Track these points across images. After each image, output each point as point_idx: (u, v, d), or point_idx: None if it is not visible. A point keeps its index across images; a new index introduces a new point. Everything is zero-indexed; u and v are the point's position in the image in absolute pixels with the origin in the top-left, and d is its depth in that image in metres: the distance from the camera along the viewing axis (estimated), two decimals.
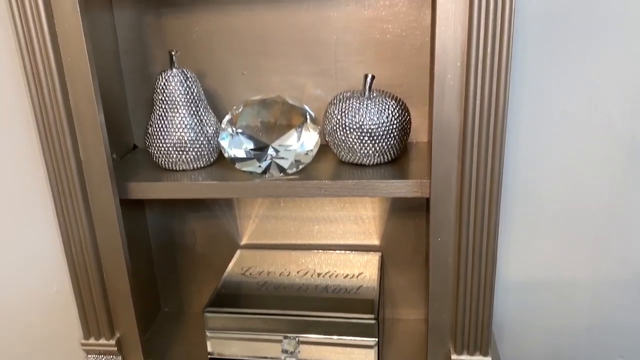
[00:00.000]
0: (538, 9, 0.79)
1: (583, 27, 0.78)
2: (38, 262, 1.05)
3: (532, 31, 0.80)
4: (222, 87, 0.92)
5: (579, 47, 0.80)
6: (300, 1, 0.86)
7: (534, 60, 0.82)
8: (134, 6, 0.89)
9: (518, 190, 0.91)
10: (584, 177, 0.87)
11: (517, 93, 0.83)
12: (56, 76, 0.73)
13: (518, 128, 0.87)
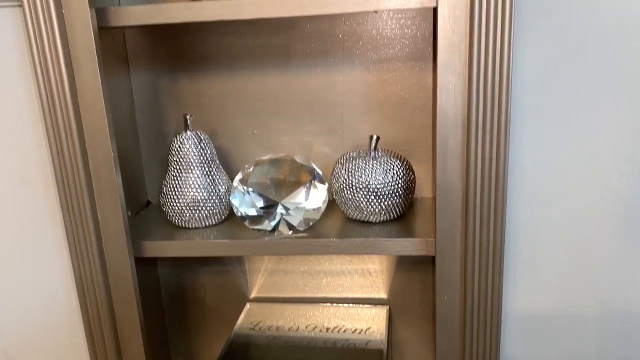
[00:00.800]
0: (537, 77, 0.83)
1: (582, 89, 0.82)
2: (54, 314, 1.07)
3: (530, 96, 0.84)
4: (234, 146, 0.96)
5: (577, 110, 0.83)
6: (308, 66, 0.91)
7: (533, 123, 0.85)
8: (150, 69, 0.94)
9: (520, 241, 0.93)
10: (585, 231, 0.89)
11: (517, 154, 0.86)
12: (77, 140, 0.77)
13: (519, 186, 0.90)
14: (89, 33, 0.73)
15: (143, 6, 0.74)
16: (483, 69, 0.68)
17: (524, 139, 0.84)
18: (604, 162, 0.82)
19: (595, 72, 0.80)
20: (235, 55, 0.92)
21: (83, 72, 0.74)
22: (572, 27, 0.79)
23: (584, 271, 0.90)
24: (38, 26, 0.73)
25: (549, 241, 0.90)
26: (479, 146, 0.70)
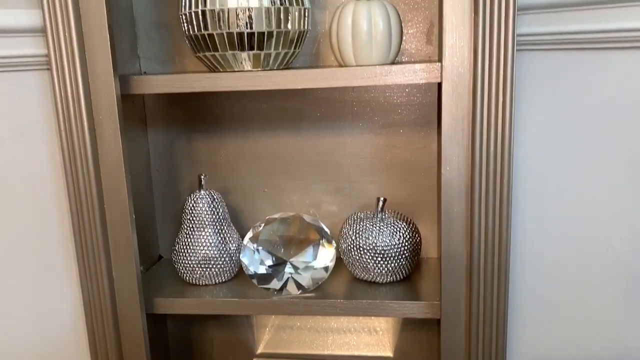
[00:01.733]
0: (538, 147, 0.86)
1: (582, 158, 0.85)
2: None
3: (531, 166, 0.87)
4: (245, 203, 0.99)
5: (578, 178, 0.86)
6: (318, 128, 0.95)
7: (534, 192, 0.87)
8: (167, 130, 0.98)
9: (524, 307, 0.93)
10: (586, 295, 0.90)
11: (520, 220, 0.88)
12: (96, 199, 0.80)
13: (521, 252, 0.91)
14: (113, 100, 0.77)
15: (163, 76, 0.79)
16: (485, 142, 0.71)
17: (525, 206, 0.87)
18: (604, 228, 0.84)
19: (596, 141, 0.83)
20: (248, 118, 0.96)
21: (105, 136, 0.78)
22: (572, 99, 0.82)
23: (584, 334, 0.90)
24: (64, 90, 0.77)
25: (551, 306, 0.91)
26: (482, 214, 0.73)
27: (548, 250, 0.88)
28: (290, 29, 0.78)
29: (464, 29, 0.69)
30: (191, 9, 0.77)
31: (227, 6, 0.74)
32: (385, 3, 0.78)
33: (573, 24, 0.78)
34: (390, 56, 0.80)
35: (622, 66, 0.76)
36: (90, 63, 0.76)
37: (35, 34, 0.86)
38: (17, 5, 0.85)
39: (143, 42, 0.95)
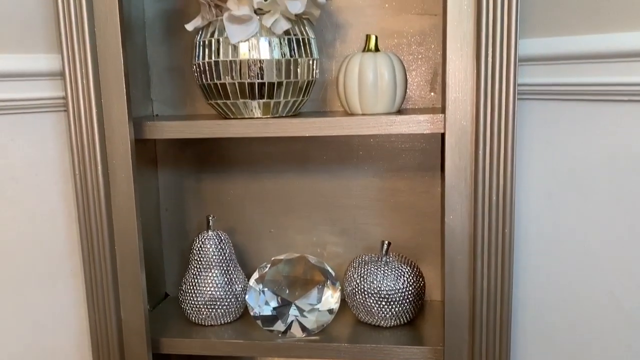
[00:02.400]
0: (539, 197, 0.88)
1: (583, 207, 0.86)
2: None
3: (533, 217, 0.88)
4: (251, 244, 1.01)
5: (579, 226, 0.87)
6: (324, 171, 0.97)
7: (536, 241, 0.88)
8: (177, 170, 1.01)
9: (527, 354, 0.94)
10: (588, 340, 0.90)
11: (521, 266, 0.89)
12: (107, 239, 0.82)
13: (523, 298, 0.92)
14: (127, 145, 0.80)
15: (176, 122, 0.82)
16: (487, 191, 0.73)
17: (527, 253, 0.88)
18: (606, 276, 0.85)
19: (597, 190, 0.85)
20: (256, 160, 0.98)
21: (118, 179, 0.81)
22: (573, 148, 0.84)
23: None
24: (80, 133, 0.80)
25: (554, 353, 0.91)
26: (485, 262, 0.74)
27: (550, 298, 0.89)
28: (299, 79, 0.81)
29: (466, 83, 0.72)
30: (204, 59, 0.80)
31: (239, 58, 0.78)
32: (390, 55, 0.82)
33: (574, 76, 0.81)
34: (395, 105, 0.83)
35: (621, 118, 0.78)
36: (105, 108, 0.79)
37: (53, 78, 0.89)
38: (37, 50, 0.88)
39: (156, 85, 0.98)
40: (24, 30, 0.87)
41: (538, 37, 0.83)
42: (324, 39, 0.93)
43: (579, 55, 0.79)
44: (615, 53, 0.76)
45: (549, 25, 0.83)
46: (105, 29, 0.77)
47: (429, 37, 0.91)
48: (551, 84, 0.83)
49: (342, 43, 0.93)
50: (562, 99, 0.83)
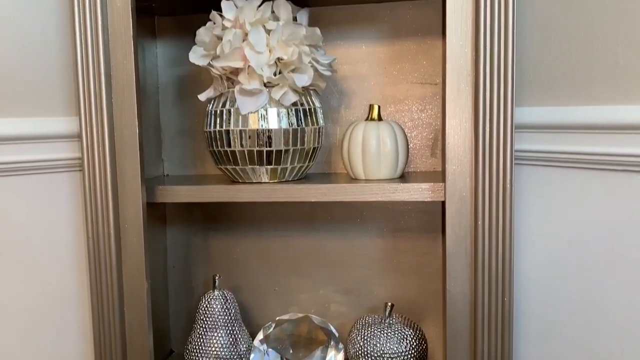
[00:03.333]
0: (539, 264, 0.90)
1: (584, 275, 0.88)
2: None
3: (534, 288, 0.90)
4: (256, 301, 1.02)
5: (580, 292, 0.89)
6: (328, 230, 0.99)
7: (536, 308, 0.90)
8: (185, 228, 1.04)
9: None
10: None
11: (522, 333, 0.90)
12: (117, 301, 0.84)
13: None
14: (139, 209, 0.83)
15: (186, 187, 0.85)
16: (487, 260, 0.75)
17: (528, 317, 0.89)
18: (606, 340, 0.85)
19: (596, 254, 0.87)
20: (262, 219, 1.01)
21: (129, 242, 0.83)
22: (572, 214, 0.87)
23: None
24: (94, 195, 0.83)
25: None
26: (486, 329, 0.76)
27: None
28: (306, 146, 0.85)
29: (465, 156, 0.75)
30: (216, 127, 0.84)
31: (249, 127, 0.82)
32: (392, 124, 0.85)
33: (569, 144, 0.84)
34: (397, 171, 0.86)
35: (617, 187, 0.81)
36: (120, 171, 0.82)
37: (69, 139, 0.93)
38: (55, 114, 0.93)
39: (167, 147, 1.02)
40: (43, 95, 0.92)
41: (536, 106, 0.87)
42: (329, 105, 0.97)
43: (573, 125, 0.83)
44: (608, 125, 0.79)
45: (546, 95, 0.87)
46: (122, 94, 0.81)
47: (430, 104, 0.95)
48: (549, 151, 0.86)
49: (347, 109, 0.97)
50: (559, 166, 0.86)
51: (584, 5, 0.79)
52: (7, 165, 0.89)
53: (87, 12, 0.79)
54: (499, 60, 0.74)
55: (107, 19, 0.79)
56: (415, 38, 0.94)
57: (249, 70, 0.80)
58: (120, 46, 0.80)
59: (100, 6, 0.79)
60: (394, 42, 0.94)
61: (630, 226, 0.80)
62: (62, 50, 0.92)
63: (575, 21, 0.80)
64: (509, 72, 0.73)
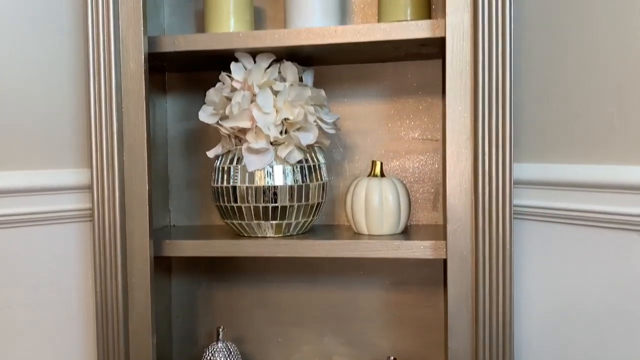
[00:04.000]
0: (538, 319, 0.91)
1: (581, 321, 0.89)
2: None
3: (533, 332, 0.91)
4: (259, 352, 1.03)
5: (578, 342, 0.89)
6: (332, 282, 1.01)
7: (537, 356, 0.90)
8: (189, 279, 1.05)
9: None
10: None
11: None
12: (122, 353, 0.84)
13: None
14: (146, 263, 0.84)
15: (193, 241, 0.87)
16: (488, 317, 0.76)
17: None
18: None
19: (593, 307, 0.87)
20: (266, 270, 1.03)
21: (136, 296, 0.84)
22: (572, 272, 0.88)
23: None
24: (103, 247, 0.84)
25: None
26: None
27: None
28: (310, 202, 0.87)
29: (465, 216, 0.77)
30: (223, 183, 0.86)
31: (255, 184, 0.84)
32: (394, 181, 0.88)
33: (566, 201, 0.86)
34: (400, 226, 0.88)
35: (616, 245, 0.82)
36: (129, 226, 0.84)
37: (78, 191, 0.96)
38: (65, 165, 0.95)
39: (174, 197, 1.05)
40: (55, 147, 0.95)
41: (535, 162, 0.89)
42: (333, 158, 1.00)
43: (572, 182, 0.85)
44: (606, 184, 0.81)
45: (544, 152, 0.89)
46: (133, 151, 0.83)
47: (431, 159, 0.97)
48: (548, 207, 0.88)
49: (350, 163, 1.00)
50: (559, 222, 0.87)
51: (580, 69, 0.82)
52: (17, 217, 0.91)
53: (101, 73, 0.82)
54: (497, 122, 0.76)
55: (120, 79, 0.83)
56: (417, 96, 0.98)
57: (256, 129, 0.83)
58: (133, 106, 0.83)
59: (115, 67, 0.82)
60: (396, 100, 0.98)
61: (631, 284, 0.81)
62: (75, 106, 0.95)
63: (572, 83, 0.83)
64: (507, 134, 0.76)
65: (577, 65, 0.83)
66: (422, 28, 0.80)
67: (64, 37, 0.93)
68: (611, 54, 0.78)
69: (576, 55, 0.83)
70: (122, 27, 0.82)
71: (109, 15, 0.81)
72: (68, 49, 0.94)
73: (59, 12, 0.93)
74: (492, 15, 0.75)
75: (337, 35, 0.82)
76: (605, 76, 0.80)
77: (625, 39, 0.77)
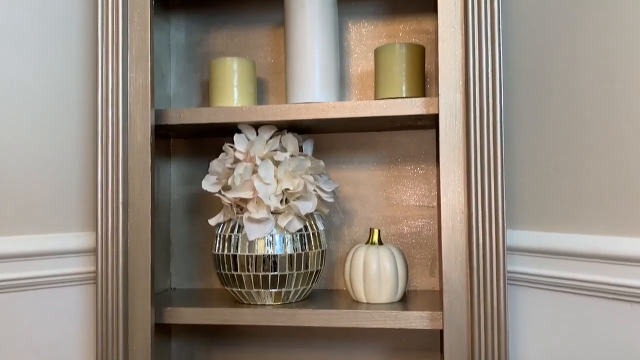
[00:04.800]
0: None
1: None
2: None
3: None
4: None
5: None
6: (330, 346, 1.01)
7: None
8: (189, 341, 1.05)
9: None
10: None
11: None
12: None
13: None
14: (148, 331, 0.85)
15: (193, 309, 0.88)
16: None
17: None
18: None
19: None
20: (264, 334, 1.03)
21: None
22: (567, 340, 0.88)
23: None
24: (105, 312, 0.85)
25: None
26: None
27: None
28: (309, 269, 0.89)
29: (461, 289, 0.79)
30: (224, 251, 0.88)
31: (255, 253, 0.86)
32: (392, 248, 0.90)
33: (561, 270, 0.88)
34: (398, 294, 0.89)
35: (608, 315, 0.83)
36: (131, 293, 0.86)
37: (81, 254, 0.98)
38: (68, 229, 0.97)
39: (175, 260, 1.06)
40: (59, 212, 0.97)
41: (529, 230, 0.91)
42: (332, 223, 1.02)
43: (564, 251, 0.87)
44: (597, 254, 0.83)
45: (538, 221, 0.91)
46: (138, 218, 0.86)
47: (427, 225, 1.00)
48: (542, 275, 0.89)
49: (349, 228, 1.02)
50: (553, 290, 0.89)
51: (571, 144, 0.85)
52: (19, 282, 0.92)
53: (109, 145, 0.85)
54: (490, 195, 0.79)
55: (127, 152, 0.86)
56: (413, 163, 1.01)
57: (257, 199, 0.85)
58: (139, 177, 0.86)
59: (122, 140, 0.85)
60: (392, 167, 1.01)
61: (623, 353, 0.82)
62: (82, 174, 0.98)
63: (562, 157, 0.87)
64: (500, 206, 0.78)
65: (568, 141, 0.86)
66: (416, 105, 0.83)
67: (73, 108, 0.97)
68: (600, 133, 0.82)
69: (566, 131, 0.86)
70: (131, 102, 0.86)
71: (118, 91, 0.85)
72: (77, 120, 0.98)
73: (70, 85, 0.97)
74: (483, 95, 0.79)
75: (336, 111, 0.86)
76: (595, 151, 0.83)
77: (612, 119, 0.81)
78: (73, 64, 0.97)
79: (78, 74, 0.98)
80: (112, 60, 0.85)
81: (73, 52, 0.97)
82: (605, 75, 0.81)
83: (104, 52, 0.85)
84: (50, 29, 0.95)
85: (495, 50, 0.78)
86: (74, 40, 0.97)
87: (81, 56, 0.98)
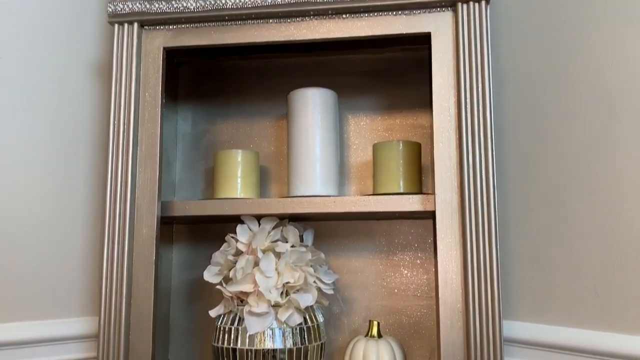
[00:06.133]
0: None
1: None
2: None
3: None
4: None
5: None
6: None
7: None
8: None
9: None
10: None
11: None
12: None
13: None
14: None
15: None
16: None
17: None
18: None
19: None
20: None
21: None
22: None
23: None
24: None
25: None
26: None
27: None
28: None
29: None
30: (224, 344, 0.88)
31: (255, 347, 0.86)
32: (391, 342, 0.90)
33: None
34: None
35: None
36: None
37: (83, 340, 0.98)
38: (68, 315, 0.98)
39: (174, 345, 1.06)
40: (61, 298, 0.98)
41: (526, 321, 0.92)
42: (331, 311, 1.02)
43: (560, 345, 0.87)
44: (594, 350, 0.84)
45: (537, 312, 0.92)
46: (140, 309, 0.87)
47: (426, 315, 1.00)
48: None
49: (348, 317, 1.02)
50: None
51: (563, 234, 0.88)
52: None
53: (116, 238, 0.88)
54: (486, 291, 0.81)
55: (133, 244, 0.88)
56: (411, 252, 1.03)
57: (257, 293, 0.87)
58: (143, 269, 0.87)
59: (128, 233, 0.88)
60: (391, 256, 1.03)
61: None
62: (86, 263, 1.00)
63: (557, 251, 0.89)
64: (496, 301, 0.80)
65: (558, 237, 0.89)
66: (414, 202, 0.87)
67: (81, 197, 1.01)
68: (588, 229, 0.85)
69: (557, 228, 0.89)
70: (138, 195, 0.89)
71: (127, 185, 0.88)
72: (84, 209, 1.01)
73: (79, 179, 1.01)
74: (478, 194, 0.82)
75: (336, 206, 0.89)
76: (584, 246, 0.85)
77: (599, 212, 0.84)
78: (81, 162, 1.01)
79: (87, 170, 1.02)
80: (122, 157, 0.88)
81: (81, 149, 1.02)
82: (587, 182, 0.85)
83: (114, 149, 0.89)
84: (59, 134, 1.00)
85: (488, 155, 0.82)
86: (81, 136, 1.02)
87: (89, 153, 1.02)
